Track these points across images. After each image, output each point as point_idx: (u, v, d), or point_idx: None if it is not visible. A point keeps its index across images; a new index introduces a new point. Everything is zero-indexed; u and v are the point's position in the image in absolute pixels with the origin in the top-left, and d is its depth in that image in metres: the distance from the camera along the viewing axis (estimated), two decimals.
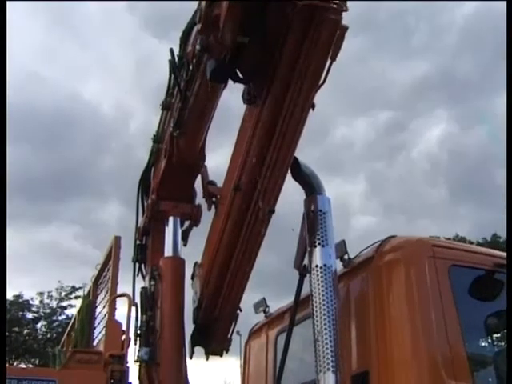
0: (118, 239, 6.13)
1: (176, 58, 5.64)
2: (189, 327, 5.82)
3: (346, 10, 3.99)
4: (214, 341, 5.90)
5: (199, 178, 6.22)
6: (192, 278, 6.01)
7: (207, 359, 6.05)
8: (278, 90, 4.44)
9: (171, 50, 5.67)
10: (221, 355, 6.06)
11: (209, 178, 6.17)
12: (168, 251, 6.03)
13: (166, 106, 6.16)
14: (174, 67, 5.63)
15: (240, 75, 4.56)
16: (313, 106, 4.52)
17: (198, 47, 4.88)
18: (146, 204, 6.64)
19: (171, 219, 6.26)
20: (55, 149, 53.07)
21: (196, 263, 6.00)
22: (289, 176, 4.62)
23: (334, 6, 3.99)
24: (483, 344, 4.89)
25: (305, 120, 4.53)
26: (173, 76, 5.74)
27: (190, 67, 5.27)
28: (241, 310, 5.80)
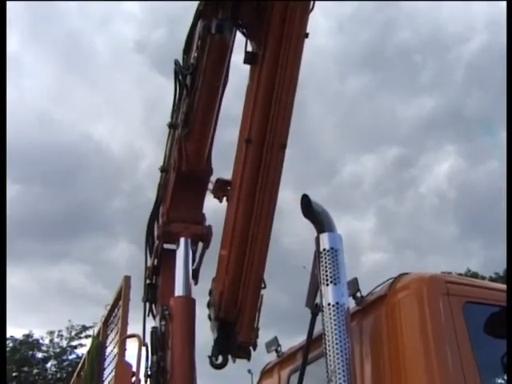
0: (127, 279, 6.10)
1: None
2: (200, 366, 5.74)
3: None
4: (240, 335, 5.58)
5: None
6: (210, 293, 5.94)
7: (234, 361, 5.80)
8: (275, 26, 5.20)
9: (175, 61, 6.30)
10: (248, 357, 5.75)
11: None
12: (178, 290, 5.98)
13: (172, 124, 6.54)
14: (180, 68, 6.23)
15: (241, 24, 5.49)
16: (306, 35, 5.25)
17: (201, 29, 5.79)
18: (155, 235, 6.69)
19: (182, 241, 6.26)
20: (66, 189, 53.49)
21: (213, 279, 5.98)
22: (300, 214, 4.61)
23: None
24: (500, 382, 4.80)
25: (301, 50, 5.25)
26: (179, 80, 6.26)
27: (195, 54, 5.98)
28: (265, 286, 5.62)
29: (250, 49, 5.63)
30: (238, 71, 6.06)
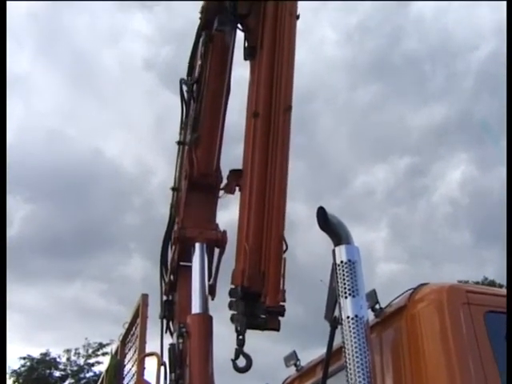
0: (145, 297, 6.08)
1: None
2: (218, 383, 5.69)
3: None
4: (267, 300, 5.30)
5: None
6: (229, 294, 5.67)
7: (263, 330, 5.49)
8: (269, 10, 5.87)
9: (181, 79, 6.86)
10: (278, 327, 5.42)
11: None
12: (195, 306, 5.93)
13: (181, 142, 6.90)
14: (186, 82, 6.81)
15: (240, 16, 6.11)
16: (297, 17, 5.92)
17: (203, 39, 6.50)
18: (170, 258, 6.68)
19: (198, 246, 6.26)
20: (78, 206, 53.40)
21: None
22: (314, 226, 4.58)
23: None
24: None
25: (295, 29, 5.86)
26: (184, 101, 6.79)
27: (199, 62, 6.57)
28: (287, 247, 5.47)
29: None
30: (240, 88, 6.38)
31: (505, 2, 5.33)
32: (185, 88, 6.87)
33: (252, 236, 5.51)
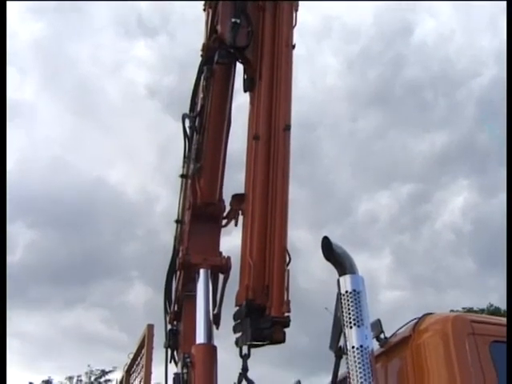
0: (150, 327, 6.07)
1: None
2: None
3: None
4: (272, 311, 5.25)
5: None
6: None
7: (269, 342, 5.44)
8: (267, 42, 6.18)
9: (183, 115, 7.01)
10: (283, 339, 5.32)
11: None
12: (199, 336, 5.90)
13: (184, 175, 7.01)
14: (188, 116, 6.98)
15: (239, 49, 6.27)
16: (293, 46, 6.27)
17: (205, 74, 6.70)
18: (174, 287, 6.68)
19: (202, 273, 6.26)
20: (81, 234, 53.34)
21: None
22: (316, 254, 4.59)
23: None
24: None
25: (291, 59, 6.18)
26: (187, 138, 6.92)
27: (201, 95, 6.79)
28: (290, 259, 5.47)
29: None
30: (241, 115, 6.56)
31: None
32: (187, 124, 6.96)
33: (255, 251, 5.55)
